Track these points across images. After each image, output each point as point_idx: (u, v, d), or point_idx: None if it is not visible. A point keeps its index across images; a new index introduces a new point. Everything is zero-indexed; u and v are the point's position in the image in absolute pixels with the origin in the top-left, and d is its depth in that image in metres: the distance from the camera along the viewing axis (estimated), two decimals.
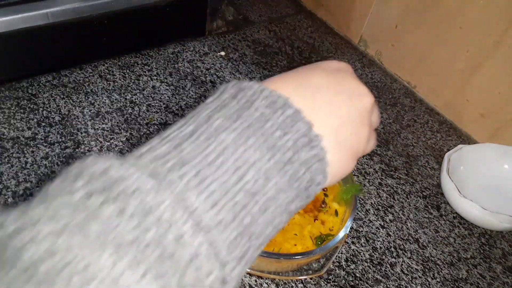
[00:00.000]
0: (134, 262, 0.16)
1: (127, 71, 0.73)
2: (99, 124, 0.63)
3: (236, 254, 0.20)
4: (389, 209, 0.61)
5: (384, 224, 0.59)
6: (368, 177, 0.65)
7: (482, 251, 0.59)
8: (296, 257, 0.45)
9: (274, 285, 0.49)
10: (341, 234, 0.47)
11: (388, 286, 0.52)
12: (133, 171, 0.18)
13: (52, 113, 0.63)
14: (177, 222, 0.18)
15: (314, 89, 0.25)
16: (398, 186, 0.65)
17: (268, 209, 0.21)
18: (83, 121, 0.63)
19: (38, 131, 0.60)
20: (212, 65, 0.78)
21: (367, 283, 0.52)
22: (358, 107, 0.26)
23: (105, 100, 0.67)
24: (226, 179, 0.20)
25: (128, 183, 0.18)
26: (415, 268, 0.55)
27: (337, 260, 0.53)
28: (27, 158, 0.56)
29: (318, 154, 0.22)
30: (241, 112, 0.22)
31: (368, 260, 0.54)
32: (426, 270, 0.55)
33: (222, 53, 0.82)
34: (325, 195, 0.54)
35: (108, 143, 0.61)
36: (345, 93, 0.26)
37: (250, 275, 0.49)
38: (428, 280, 0.54)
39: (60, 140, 0.60)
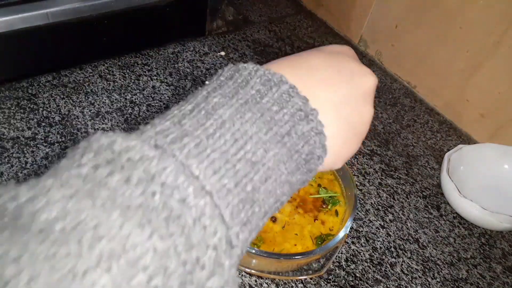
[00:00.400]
0: (141, 223, 0.17)
1: (127, 71, 0.73)
2: (99, 124, 0.63)
3: (240, 220, 0.20)
4: (389, 209, 0.61)
5: (384, 224, 0.59)
6: (368, 177, 0.65)
7: (482, 251, 0.59)
8: (296, 257, 0.45)
9: (274, 285, 0.49)
10: (341, 234, 0.47)
11: (388, 286, 0.52)
12: (137, 143, 0.19)
13: (52, 113, 0.63)
14: (180, 186, 0.18)
15: (312, 68, 0.25)
16: (398, 186, 0.65)
17: (269, 178, 0.21)
18: (83, 121, 0.63)
19: (38, 131, 0.60)
20: (212, 65, 0.78)
21: (367, 283, 0.52)
22: (360, 86, 0.26)
23: (105, 100, 0.67)
24: (225, 149, 0.20)
25: (132, 154, 0.19)
26: (415, 268, 0.55)
27: (337, 260, 0.53)
28: (27, 158, 0.56)
29: (315, 127, 0.23)
30: (237, 90, 0.23)
31: (368, 260, 0.54)
32: (426, 270, 0.55)
33: (222, 53, 0.82)
34: (320, 185, 0.54)
35: None
36: (346, 72, 0.26)
37: (250, 275, 0.49)
38: (428, 280, 0.54)
39: (60, 140, 0.60)
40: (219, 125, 0.21)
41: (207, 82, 0.24)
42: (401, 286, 0.52)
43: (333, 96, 0.24)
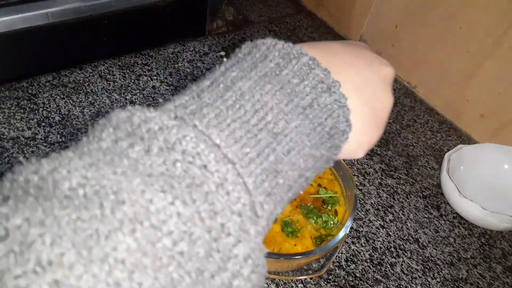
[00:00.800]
0: (163, 189, 0.17)
1: (127, 71, 0.73)
2: None
3: (263, 189, 0.20)
4: (389, 209, 0.61)
5: (384, 224, 0.59)
6: (368, 177, 0.65)
7: (482, 251, 0.59)
8: (296, 257, 0.45)
9: (274, 285, 0.49)
10: (341, 234, 0.47)
11: (388, 286, 0.52)
12: (156, 114, 0.19)
13: (52, 113, 0.63)
14: (201, 153, 0.18)
15: (332, 51, 0.24)
16: (398, 186, 0.65)
17: (292, 150, 0.21)
18: (83, 121, 0.63)
19: (38, 131, 0.60)
20: (212, 65, 0.78)
21: (367, 283, 0.52)
22: (380, 73, 0.25)
23: (105, 100, 0.67)
24: (246, 119, 0.20)
25: (151, 125, 0.19)
26: (415, 268, 0.55)
27: (337, 260, 0.53)
28: (27, 159, 0.56)
29: (338, 100, 0.22)
30: (256, 64, 0.22)
31: (368, 260, 0.54)
32: (426, 270, 0.55)
33: (222, 53, 0.82)
34: (321, 185, 0.54)
35: None
36: (366, 59, 0.25)
37: None
38: (428, 280, 0.54)
39: (60, 140, 0.60)
40: (238, 97, 0.21)
41: (225, 59, 0.23)
42: (401, 286, 0.52)
43: (354, 77, 0.24)
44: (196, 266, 0.17)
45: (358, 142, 0.24)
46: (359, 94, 0.24)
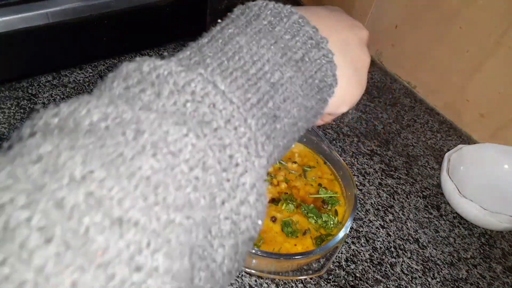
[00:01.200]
0: (177, 123, 0.18)
1: None
2: None
3: (264, 131, 0.21)
4: (389, 209, 0.61)
5: (384, 224, 0.59)
6: (368, 177, 0.65)
7: (482, 251, 0.59)
8: (296, 257, 0.45)
9: (274, 285, 0.49)
10: (341, 234, 0.47)
11: (388, 286, 0.52)
12: (163, 62, 0.21)
13: None
14: (209, 94, 0.20)
15: (318, 15, 0.27)
16: (398, 186, 0.65)
17: (287, 99, 0.23)
18: None
19: None
20: None
21: (367, 283, 0.52)
22: (358, 35, 0.28)
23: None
24: (246, 69, 0.22)
25: (160, 71, 0.20)
26: (415, 268, 0.55)
27: (337, 260, 0.53)
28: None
29: (326, 54, 0.24)
30: (250, 22, 0.24)
31: (368, 260, 0.54)
32: (426, 270, 0.55)
33: None
34: (321, 185, 0.54)
35: None
36: (346, 22, 0.28)
37: (250, 275, 0.49)
38: (428, 280, 0.54)
39: None
40: (237, 49, 0.22)
41: (219, 21, 0.25)
42: (401, 286, 0.52)
43: (337, 38, 0.26)
44: (209, 192, 0.18)
45: (342, 98, 0.26)
46: (342, 53, 0.26)
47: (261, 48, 0.22)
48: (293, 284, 0.50)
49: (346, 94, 0.27)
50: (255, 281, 0.49)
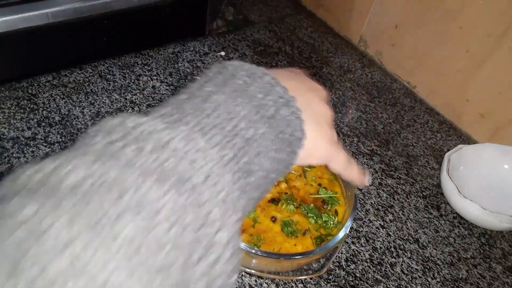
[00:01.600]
0: (158, 181, 0.19)
1: (127, 71, 0.73)
2: None
3: (239, 186, 0.23)
4: (389, 209, 0.61)
5: (384, 224, 0.59)
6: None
7: (482, 251, 0.59)
8: (296, 257, 0.45)
9: (274, 285, 0.49)
10: (341, 234, 0.47)
11: (388, 286, 0.52)
12: (147, 119, 0.22)
13: (52, 113, 0.63)
14: (190, 151, 0.21)
15: (283, 78, 0.29)
16: (398, 186, 0.65)
17: (260, 153, 0.25)
18: (83, 121, 0.63)
19: (38, 131, 0.60)
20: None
21: (367, 283, 0.52)
22: (318, 95, 0.31)
23: (105, 100, 0.67)
24: (223, 126, 0.23)
25: (144, 127, 0.21)
26: (415, 268, 0.55)
27: (337, 260, 0.53)
28: (27, 158, 0.56)
29: (295, 111, 0.27)
30: (227, 81, 0.26)
31: (368, 260, 0.54)
32: (426, 270, 0.55)
33: (222, 53, 0.82)
34: (321, 185, 0.54)
35: None
36: (306, 84, 0.31)
37: (250, 275, 0.49)
38: (428, 280, 0.54)
39: (60, 140, 0.60)
40: (215, 107, 0.24)
41: (197, 77, 0.27)
42: (401, 286, 0.52)
43: (301, 98, 0.28)
44: (187, 249, 0.19)
45: (310, 150, 0.29)
46: (307, 110, 0.28)
47: (237, 106, 0.24)
48: (293, 284, 0.50)
49: (313, 146, 0.29)
50: (255, 281, 0.49)
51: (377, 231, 0.58)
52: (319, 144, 0.30)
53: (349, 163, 0.33)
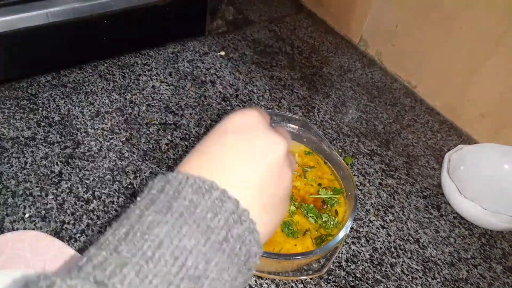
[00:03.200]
0: None
1: (127, 71, 0.73)
2: (99, 124, 0.63)
3: None
4: (389, 209, 0.61)
5: (384, 224, 0.59)
6: (368, 177, 0.65)
7: (482, 251, 0.59)
8: (296, 257, 0.45)
9: (274, 285, 0.49)
10: (341, 234, 0.47)
11: (388, 286, 0.52)
12: (77, 283, 0.19)
13: (52, 113, 0.63)
14: None
15: (224, 157, 0.26)
16: (398, 186, 0.65)
17: None
18: (83, 121, 0.63)
19: (38, 131, 0.60)
20: (212, 65, 0.78)
21: (367, 283, 0.51)
22: (273, 159, 0.27)
23: (104, 100, 0.67)
24: (167, 270, 0.20)
25: None
26: (416, 268, 0.55)
27: (337, 260, 0.53)
28: (26, 158, 0.56)
29: (249, 227, 0.24)
30: (171, 203, 0.23)
31: (368, 260, 0.54)
32: (427, 270, 0.55)
33: (222, 53, 0.81)
34: (321, 185, 0.54)
35: (108, 143, 0.61)
36: (256, 151, 0.27)
37: None
38: (428, 280, 0.53)
39: (59, 140, 0.60)
40: (157, 246, 0.21)
41: (138, 198, 0.24)
42: (401, 286, 0.52)
43: (251, 178, 0.25)
44: None
45: (269, 232, 0.27)
46: (260, 193, 0.26)
47: (183, 239, 0.21)
48: (293, 284, 0.49)
49: (268, 225, 0.27)
50: (255, 281, 0.49)
51: (377, 231, 0.58)
52: (270, 228, 0.28)
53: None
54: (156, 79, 0.73)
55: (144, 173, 0.58)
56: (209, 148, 0.27)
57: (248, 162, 0.26)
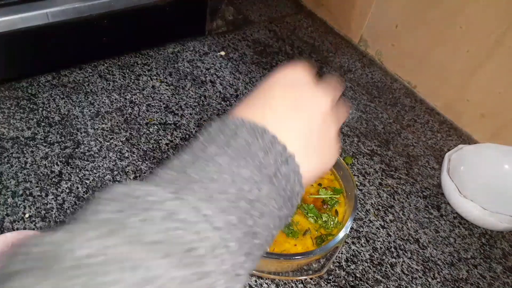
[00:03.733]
0: (162, 256, 0.19)
1: (127, 71, 0.73)
2: (99, 124, 0.63)
3: (245, 251, 0.23)
4: (389, 209, 0.61)
5: (384, 224, 0.59)
6: (368, 177, 0.65)
7: (482, 251, 0.59)
8: (296, 257, 0.45)
9: (274, 285, 0.49)
10: (341, 234, 0.47)
11: (388, 286, 0.52)
12: (156, 189, 0.22)
13: (52, 113, 0.63)
14: (195, 222, 0.21)
15: (272, 108, 0.29)
16: (399, 186, 0.65)
17: (264, 213, 0.25)
18: (83, 121, 0.63)
19: (38, 131, 0.60)
20: (212, 65, 0.78)
21: (367, 283, 0.51)
22: (317, 113, 0.30)
23: (104, 100, 0.67)
24: (228, 190, 0.24)
25: (151, 198, 0.22)
26: (415, 268, 0.55)
27: (337, 260, 0.53)
28: (26, 158, 0.56)
29: (294, 168, 0.27)
30: (229, 141, 0.26)
31: (368, 260, 0.54)
32: (427, 270, 0.55)
33: (222, 53, 0.81)
34: (321, 185, 0.54)
35: (108, 143, 0.61)
36: (303, 103, 0.30)
37: (250, 275, 0.49)
38: (428, 280, 0.53)
39: (59, 140, 0.60)
40: (220, 171, 0.24)
41: (199, 136, 0.28)
42: (401, 286, 0.52)
43: (297, 127, 0.29)
44: None
45: (309, 178, 0.29)
46: (306, 150, 0.28)
47: (240, 168, 0.25)
48: (293, 284, 0.49)
49: (314, 174, 0.30)
50: (255, 281, 0.49)
51: (377, 231, 0.58)
52: (324, 169, 0.31)
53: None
54: (156, 79, 0.73)
55: (144, 173, 0.58)
56: (259, 100, 0.30)
57: (295, 113, 0.29)
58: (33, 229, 0.49)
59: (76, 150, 0.59)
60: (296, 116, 0.29)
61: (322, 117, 0.30)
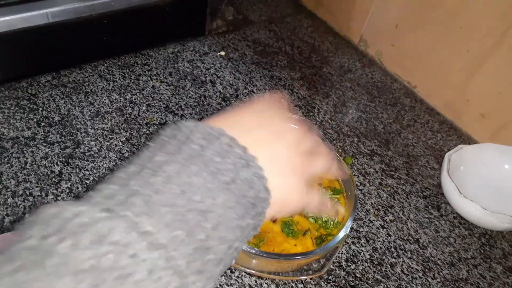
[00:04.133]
0: (92, 286, 0.17)
1: (127, 71, 0.73)
2: (99, 124, 0.63)
3: (196, 268, 0.21)
4: (389, 209, 0.61)
5: (384, 224, 0.59)
6: (368, 177, 0.65)
7: (482, 251, 0.59)
8: (296, 257, 0.45)
9: (274, 285, 0.49)
10: (341, 234, 0.47)
11: (388, 286, 0.52)
12: (85, 209, 0.20)
13: (52, 113, 0.63)
14: (132, 242, 0.19)
15: (247, 128, 0.27)
16: (399, 186, 0.65)
17: (219, 225, 0.22)
18: (83, 121, 0.63)
19: (38, 131, 0.60)
20: (212, 65, 0.78)
21: (367, 283, 0.51)
22: (284, 143, 0.28)
23: (104, 100, 0.67)
24: (175, 202, 0.21)
25: (80, 219, 0.19)
26: (415, 268, 0.55)
27: (337, 260, 0.53)
28: (26, 158, 0.56)
29: (256, 172, 0.25)
30: (180, 147, 0.24)
31: (368, 260, 0.54)
32: (427, 270, 0.55)
33: (222, 53, 0.81)
34: (321, 185, 0.54)
35: (108, 143, 0.61)
36: (276, 132, 0.28)
37: (250, 275, 0.49)
38: (428, 280, 0.53)
39: (59, 140, 0.60)
40: (166, 180, 0.22)
41: (150, 144, 0.25)
42: (401, 286, 0.52)
43: (267, 154, 0.26)
44: None
45: (283, 202, 0.27)
46: (272, 164, 0.26)
47: (191, 177, 0.22)
48: (293, 284, 0.49)
49: (286, 199, 0.28)
50: (255, 281, 0.49)
51: (377, 231, 0.58)
52: (290, 197, 0.28)
53: (323, 200, 0.32)
54: (156, 79, 0.73)
55: None
56: (231, 114, 0.28)
57: (266, 139, 0.28)
58: None
59: (76, 150, 0.59)
60: (267, 141, 0.27)
61: (289, 146, 0.28)
